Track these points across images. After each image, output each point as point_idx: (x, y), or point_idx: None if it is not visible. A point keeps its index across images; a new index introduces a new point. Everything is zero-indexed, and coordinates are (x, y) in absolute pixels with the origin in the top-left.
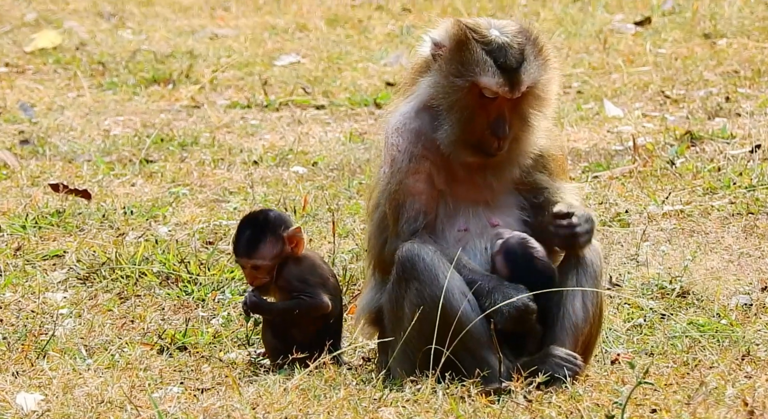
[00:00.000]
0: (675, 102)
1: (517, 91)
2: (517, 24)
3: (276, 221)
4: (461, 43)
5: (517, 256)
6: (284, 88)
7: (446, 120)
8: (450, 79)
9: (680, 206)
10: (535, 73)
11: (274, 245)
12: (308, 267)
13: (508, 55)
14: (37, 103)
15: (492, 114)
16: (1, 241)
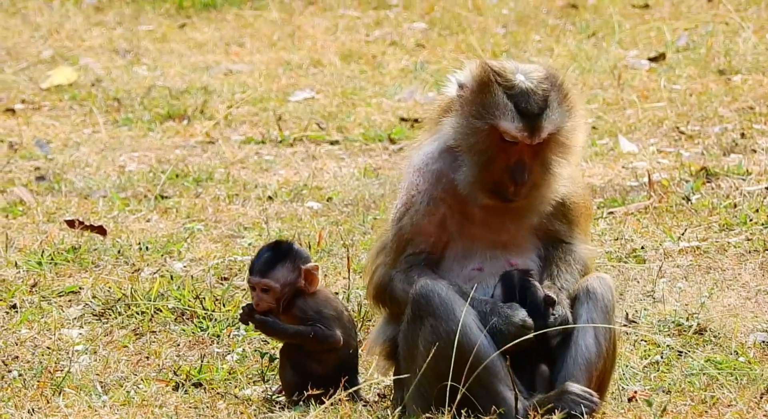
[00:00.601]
0: (690, 138)
1: (536, 137)
2: (544, 70)
3: (298, 252)
4: (484, 85)
5: (513, 282)
6: (298, 124)
7: (465, 162)
8: (470, 120)
9: (696, 242)
10: (557, 120)
11: (289, 272)
12: (323, 301)
13: (530, 100)
14: (53, 140)
15: (512, 158)
16: (18, 277)
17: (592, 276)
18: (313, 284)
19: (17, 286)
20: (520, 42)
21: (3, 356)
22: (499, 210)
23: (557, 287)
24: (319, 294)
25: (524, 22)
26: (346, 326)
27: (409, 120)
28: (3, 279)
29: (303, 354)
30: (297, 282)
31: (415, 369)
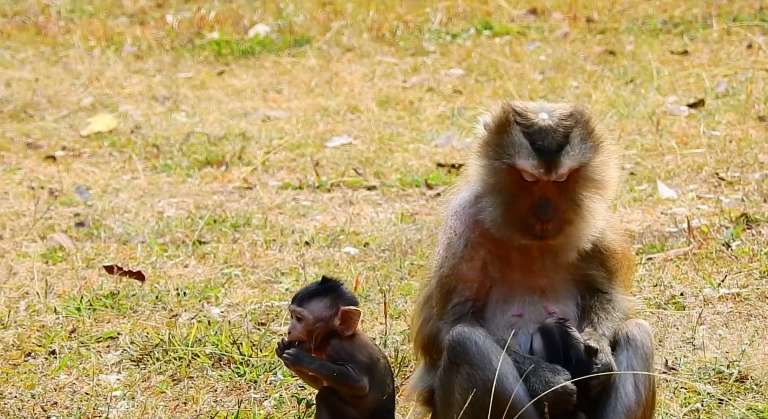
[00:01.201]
0: (730, 184)
1: (554, 174)
2: (571, 107)
3: (342, 292)
4: (502, 125)
5: (553, 335)
6: (336, 169)
7: (489, 202)
8: (489, 161)
9: (737, 289)
10: (579, 155)
11: (326, 308)
12: (358, 346)
13: (548, 137)
14: (92, 186)
15: (535, 196)
16: (57, 323)
17: (631, 323)
18: (349, 327)
19: (56, 332)
20: (558, 88)
21: (42, 402)
22: (536, 251)
23: (599, 334)
24: (357, 339)
25: (562, 68)
26: (381, 373)
27: (446, 165)
28: (42, 325)
29: (339, 398)
30: (332, 320)
31: (452, 416)
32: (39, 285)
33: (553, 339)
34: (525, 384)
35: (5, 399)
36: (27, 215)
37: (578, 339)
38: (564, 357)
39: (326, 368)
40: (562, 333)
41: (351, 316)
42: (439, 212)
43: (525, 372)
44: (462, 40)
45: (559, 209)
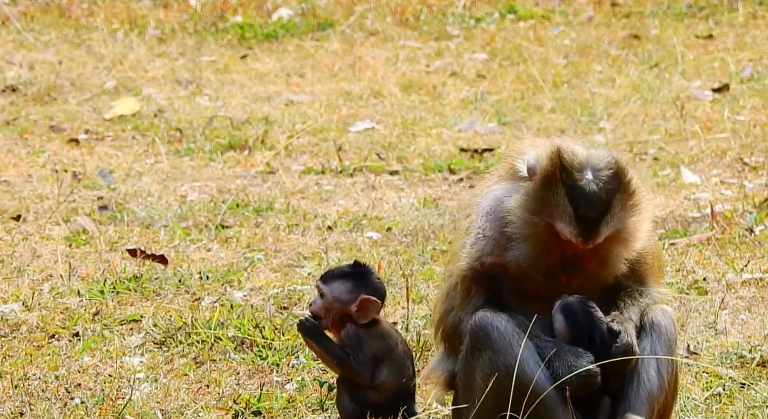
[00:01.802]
0: (754, 169)
1: (591, 242)
2: (614, 166)
3: (369, 281)
4: (548, 181)
5: (575, 313)
6: (358, 154)
7: (518, 247)
8: (528, 215)
9: (760, 274)
10: (617, 223)
11: (346, 292)
12: (374, 335)
13: (591, 206)
14: (115, 170)
15: (566, 253)
16: (80, 306)
17: (656, 309)
18: (364, 316)
19: (80, 314)
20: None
21: (66, 383)
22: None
23: (624, 317)
24: (374, 328)
25: (586, 53)
26: (400, 357)
27: (469, 150)
28: (66, 308)
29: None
30: (349, 305)
31: (474, 400)
32: (62, 268)
33: (575, 318)
34: (547, 369)
35: (29, 381)
36: (50, 198)
37: (601, 319)
38: (588, 336)
39: (331, 352)
40: (585, 312)
41: (368, 305)
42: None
43: (547, 357)
44: (486, 24)
45: (586, 266)
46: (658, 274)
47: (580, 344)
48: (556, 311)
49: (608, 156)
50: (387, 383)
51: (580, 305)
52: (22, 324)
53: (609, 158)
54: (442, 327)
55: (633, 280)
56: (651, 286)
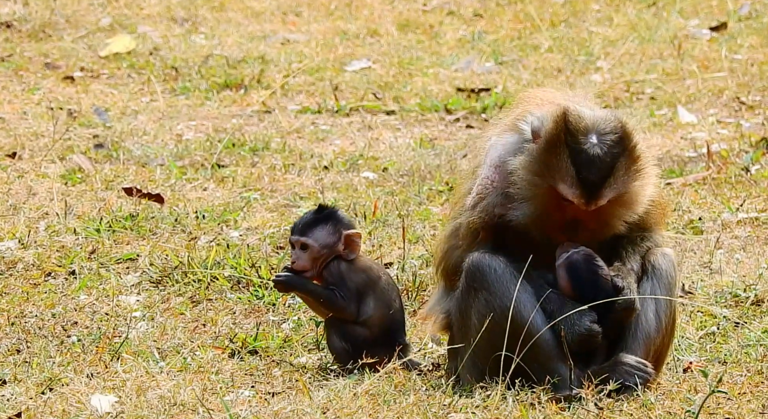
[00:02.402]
0: (750, 108)
1: (593, 204)
2: (620, 130)
3: (342, 218)
4: (552, 143)
5: (580, 271)
6: (355, 94)
7: (521, 206)
8: (531, 176)
9: (755, 213)
10: (620, 186)
11: (329, 235)
12: (355, 269)
13: (594, 169)
14: (111, 108)
15: (568, 216)
16: (76, 244)
17: (657, 252)
18: (352, 250)
19: (76, 253)
20: (579, 11)
21: (62, 321)
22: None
23: (627, 268)
24: (354, 262)
25: None
26: (385, 290)
27: (466, 90)
28: (62, 246)
29: (345, 320)
30: (336, 246)
31: (469, 340)
32: (58, 206)
33: (580, 276)
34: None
35: (26, 318)
36: (46, 136)
37: (606, 276)
38: (589, 288)
39: (316, 293)
40: (590, 271)
41: (354, 240)
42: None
43: (549, 308)
44: None
45: (587, 228)
46: (661, 221)
47: (583, 301)
48: (560, 266)
49: (614, 120)
50: (374, 317)
51: (585, 262)
52: (19, 261)
53: (615, 122)
54: (444, 264)
55: (636, 229)
56: (654, 231)
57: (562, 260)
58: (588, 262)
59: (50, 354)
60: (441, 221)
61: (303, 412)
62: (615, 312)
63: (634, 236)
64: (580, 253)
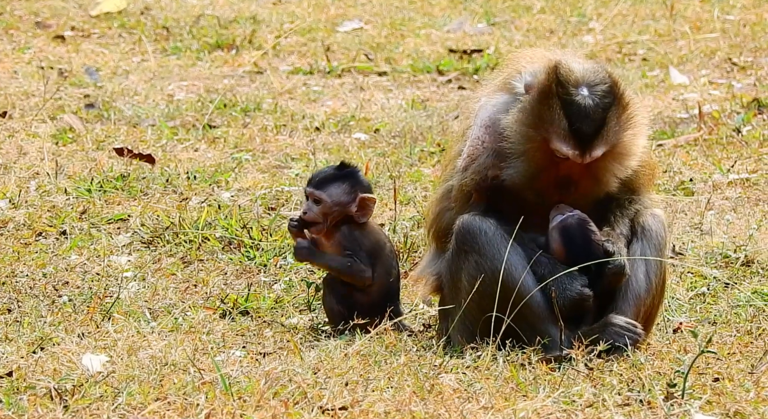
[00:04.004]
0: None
1: (587, 157)
2: (609, 80)
3: (361, 180)
4: (544, 95)
5: (574, 236)
6: (347, 55)
7: (513, 164)
8: (524, 128)
9: (746, 174)
10: (612, 138)
11: (345, 194)
12: (367, 233)
13: (587, 120)
14: (102, 68)
15: (561, 171)
16: (67, 204)
17: (646, 213)
18: (364, 214)
19: (67, 213)
20: None
21: (53, 281)
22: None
23: (617, 233)
24: (366, 226)
25: None
26: (388, 257)
27: (458, 51)
28: (53, 206)
29: (345, 283)
30: (349, 206)
31: (460, 301)
32: (49, 166)
33: (573, 240)
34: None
35: (17, 278)
36: (37, 96)
37: (598, 241)
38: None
39: (336, 262)
40: (582, 235)
41: (368, 203)
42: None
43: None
44: None
45: (581, 184)
46: (650, 182)
47: (575, 265)
48: (553, 229)
49: (602, 71)
50: (376, 283)
51: (578, 227)
52: (9, 221)
53: (603, 73)
54: (435, 226)
55: (625, 190)
56: (642, 194)
57: (555, 223)
58: (581, 227)
59: (41, 314)
60: (432, 183)
61: (294, 372)
62: (605, 277)
63: (623, 200)
64: (574, 217)
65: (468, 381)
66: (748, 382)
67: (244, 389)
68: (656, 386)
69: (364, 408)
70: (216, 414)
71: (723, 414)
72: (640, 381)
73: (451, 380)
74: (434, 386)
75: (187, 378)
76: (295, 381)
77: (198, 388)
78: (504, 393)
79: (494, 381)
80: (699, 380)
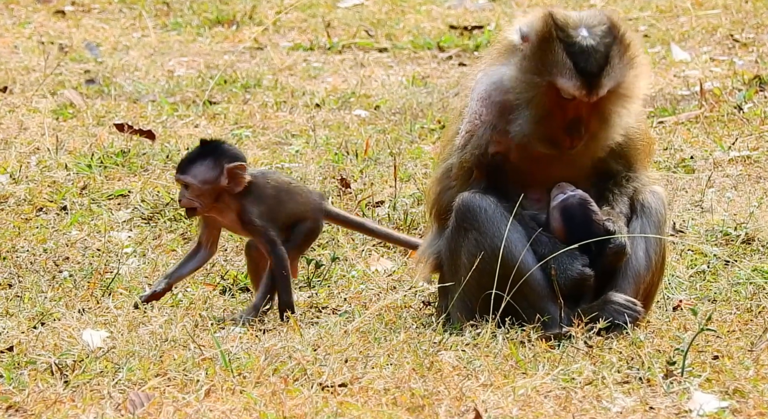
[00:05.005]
0: (744, 46)
1: (595, 95)
2: (607, 21)
3: (225, 151)
4: (545, 40)
5: (575, 216)
6: (347, 31)
7: (521, 115)
8: (528, 76)
9: (747, 152)
10: (617, 75)
11: (210, 170)
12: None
13: (590, 58)
14: (102, 43)
15: (569, 114)
16: (68, 179)
17: (645, 190)
18: (238, 184)
19: (67, 188)
20: None
21: (54, 256)
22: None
23: (616, 212)
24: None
25: None
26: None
27: (459, 28)
28: (54, 181)
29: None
30: (218, 180)
31: (459, 279)
32: (49, 141)
33: (574, 220)
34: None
35: (18, 253)
36: (37, 71)
37: (600, 220)
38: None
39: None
40: (584, 215)
41: (236, 172)
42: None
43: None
44: None
45: (589, 126)
46: (647, 158)
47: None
48: (554, 208)
49: (600, 14)
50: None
51: (579, 206)
52: (10, 196)
53: (601, 16)
54: (437, 206)
55: (623, 164)
56: (640, 171)
57: (556, 202)
58: (582, 206)
59: (42, 289)
60: (433, 160)
61: (294, 349)
62: (606, 256)
63: (621, 177)
64: (576, 197)
65: (467, 358)
66: (747, 360)
67: (244, 365)
68: (656, 363)
69: (363, 384)
70: (216, 390)
71: (722, 391)
72: (639, 359)
73: (451, 357)
74: (434, 363)
75: (187, 354)
76: (295, 358)
77: (198, 364)
78: (503, 371)
79: (494, 358)
80: (698, 358)
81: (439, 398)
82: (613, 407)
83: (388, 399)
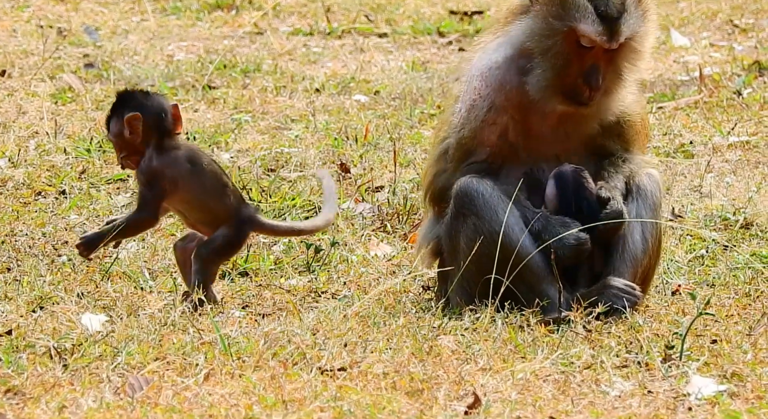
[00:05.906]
0: (743, 31)
1: (615, 42)
2: None
3: (124, 101)
4: None
5: (567, 183)
6: (347, 16)
7: (539, 65)
8: (548, 21)
9: (746, 137)
10: (634, 24)
11: (115, 124)
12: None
13: (610, 4)
14: (101, 27)
15: (587, 63)
16: (66, 164)
17: (641, 173)
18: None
19: (66, 172)
20: None
21: (53, 240)
22: (556, 120)
23: (611, 185)
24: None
25: None
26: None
27: (459, 13)
28: (52, 165)
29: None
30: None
31: (459, 264)
32: (48, 125)
33: (566, 185)
34: (536, 239)
35: (17, 237)
36: (36, 54)
37: (592, 189)
38: (575, 205)
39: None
40: (576, 181)
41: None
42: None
43: (535, 227)
44: None
45: (605, 78)
46: (643, 141)
47: (567, 212)
48: (550, 177)
49: None
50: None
51: (573, 174)
52: (9, 180)
53: None
54: (431, 189)
55: (619, 144)
56: (635, 153)
57: (553, 172)
58: (575, 174)
59: (41, 273)
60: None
61: (293, 333)
62: (604, 227)
63: (617, 157)
64: (570, 167)
65: (466, 342)
66: (745, 344)
67: (243, 349)
68: (654, 348)
69: (362, 369)
70: (215, 373)
71: (720, 375)
72: (638, 343)
73: (450, 342)
74: (433, 347)
75: (186, 338)
76: (294, 342)
77: (197, 348)
78: (502, 355)
79: (493, 342)
80: (697, 342)
81: (438, 382)
82: (611, 391)
83: (388, 383)
